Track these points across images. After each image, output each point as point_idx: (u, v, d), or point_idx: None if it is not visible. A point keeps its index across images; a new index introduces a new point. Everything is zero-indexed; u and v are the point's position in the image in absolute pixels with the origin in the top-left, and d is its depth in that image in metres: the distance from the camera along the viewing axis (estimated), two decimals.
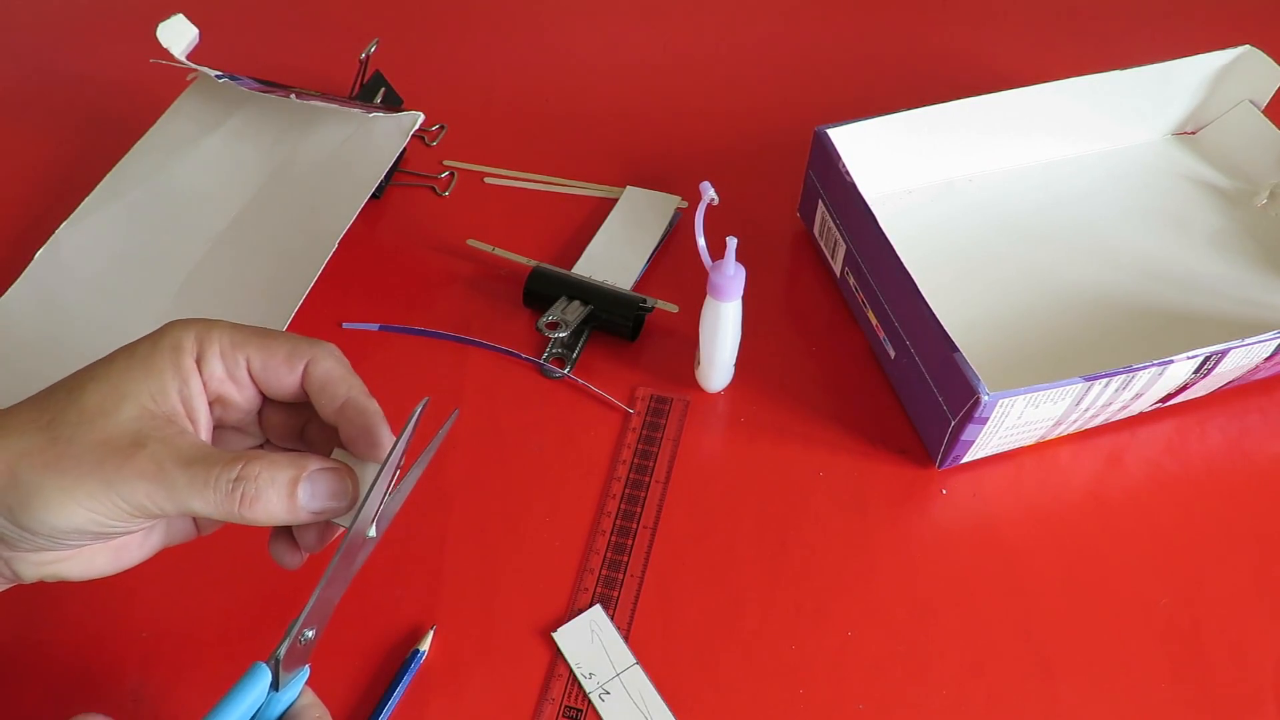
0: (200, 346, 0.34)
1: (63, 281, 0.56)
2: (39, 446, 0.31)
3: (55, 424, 0.32)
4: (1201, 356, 0.45)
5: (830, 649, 0.43)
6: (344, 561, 0.34)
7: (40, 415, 0.32)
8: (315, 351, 0.35)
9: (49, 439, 0.31)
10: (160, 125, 0.62)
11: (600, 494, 0.49)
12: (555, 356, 0.54)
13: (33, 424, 0.32)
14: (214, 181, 0.60)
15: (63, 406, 0.32)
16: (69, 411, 0.32)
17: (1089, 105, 0.62)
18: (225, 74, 0.59)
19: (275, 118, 0.62)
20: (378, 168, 0.57)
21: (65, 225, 0.57)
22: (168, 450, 0.32)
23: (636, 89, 0.73)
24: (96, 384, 0.32)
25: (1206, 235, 0.60)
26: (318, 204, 0.57)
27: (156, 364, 0.33)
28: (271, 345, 0.35)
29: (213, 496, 0.31)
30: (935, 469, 0.50)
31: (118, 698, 0.41)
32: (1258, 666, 0.43)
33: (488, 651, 0.43)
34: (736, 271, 0.46)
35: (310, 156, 0.60)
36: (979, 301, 0.56)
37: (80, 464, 0.31)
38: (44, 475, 0.31)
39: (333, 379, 0.35)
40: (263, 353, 0.35)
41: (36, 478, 0.31)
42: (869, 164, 0.56)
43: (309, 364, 0.35)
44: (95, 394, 0.32)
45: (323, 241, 0.54)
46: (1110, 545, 0.47)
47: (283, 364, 0.35)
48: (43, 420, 0.32)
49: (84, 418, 0.32)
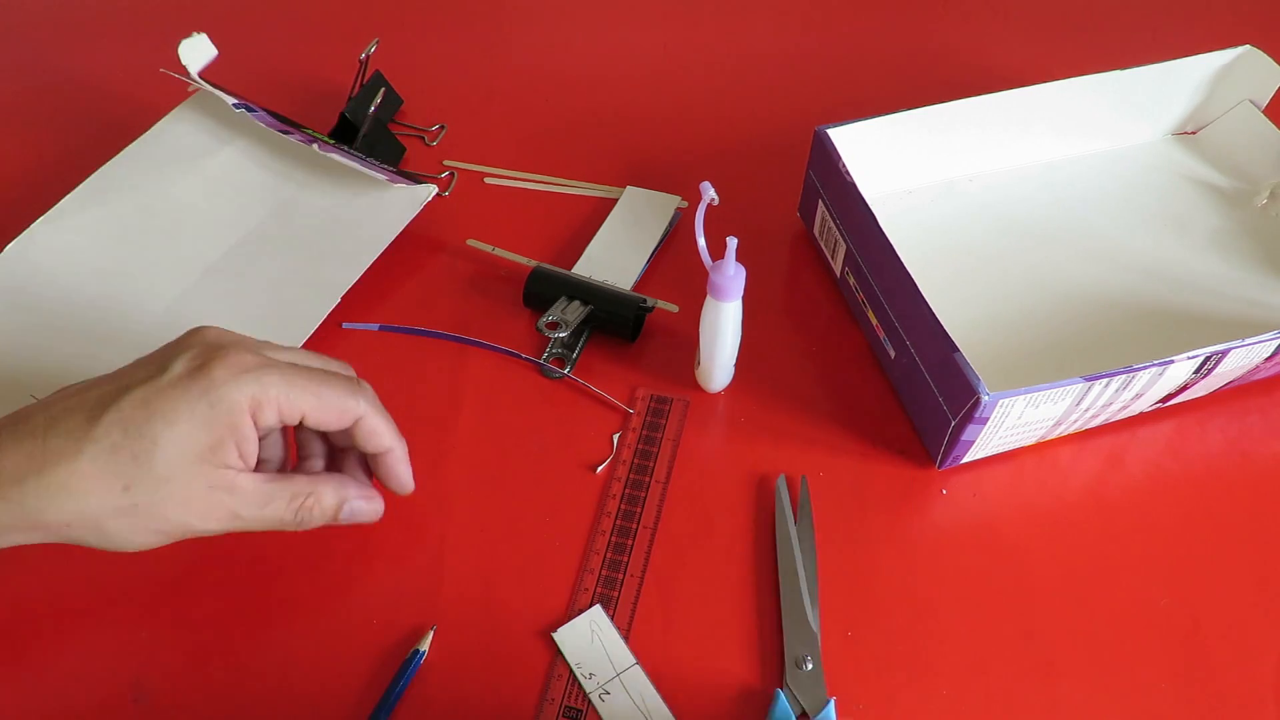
0: (255, 406, 0.38)
1: (36, 279, 0.54)
2: (123, 510, 0.37)
3: (133, 489, 0.36)
4: (1201, 356, 0.45)
5: (830, 649, 0.43)
6: None
7: (114, 480, 0.36)
8: (364, 408, 0.41)
9: (130, 504, 0.36)
10: (155, 133, 0.61)
11: (600, 494, 0.49)
12: (555, 356, 0.54)
13: (108, 488, 0.36)
14: (212, 205, 0.59)
15: (135, 472, 0.36)
16: (144, 479, 0.36)
17: (1089, 105, 0.62)
18: (242, 102, 0.59)
19: (283, 151, 0.61)
20: (387, 231, 0.57)
21: (41, 221, 0.56)
22: (237, 499, 0.38)
23: (637, 89, 0.73)
24: (162, 450, 0.36)
25: (1206, 235, 0.60)
26: (321, 253, 0.56)
27: (216, 428, 0.37)
28: (325, 400, 0.40)
29: (276, 524, 0.40)
30: (935, 469, 0.50)
31: (118, 698, 0.41)
32: (1258, 666, 0.43)
33: (488, 651, 0.43)
34: (736, 271, 0.46)
35: (319, 202, 0.59)
36: (979, 301, 0.56)
37: (167, 521, 0.38)
38: (132, 530, 0.37)
39: (377, 433, 0.42)
40: (318, 409, 0.40)
41: (125, 532, 0.37)
42: (869, 164, 0.56)
43: (359, 421, 0.41)
44: (163, 460, 0.36)
45: (324, 294, 0.54)
46: (1110, 545, 0.47)
47: (335, 419, 0.40)
48: (117, 485, 0.36)
49: (159, 484, 0.37)
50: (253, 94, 0.61)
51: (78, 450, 0.36)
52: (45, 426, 0.36)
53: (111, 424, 0.36)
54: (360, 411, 0.41)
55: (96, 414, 0.36)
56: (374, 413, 0.42)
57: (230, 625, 0.44)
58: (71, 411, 0.37)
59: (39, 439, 0.36)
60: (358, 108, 0.64)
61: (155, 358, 0.39)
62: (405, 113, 0.70)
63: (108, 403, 0.37)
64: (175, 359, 0.38)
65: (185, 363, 0.38)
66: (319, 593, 0.45)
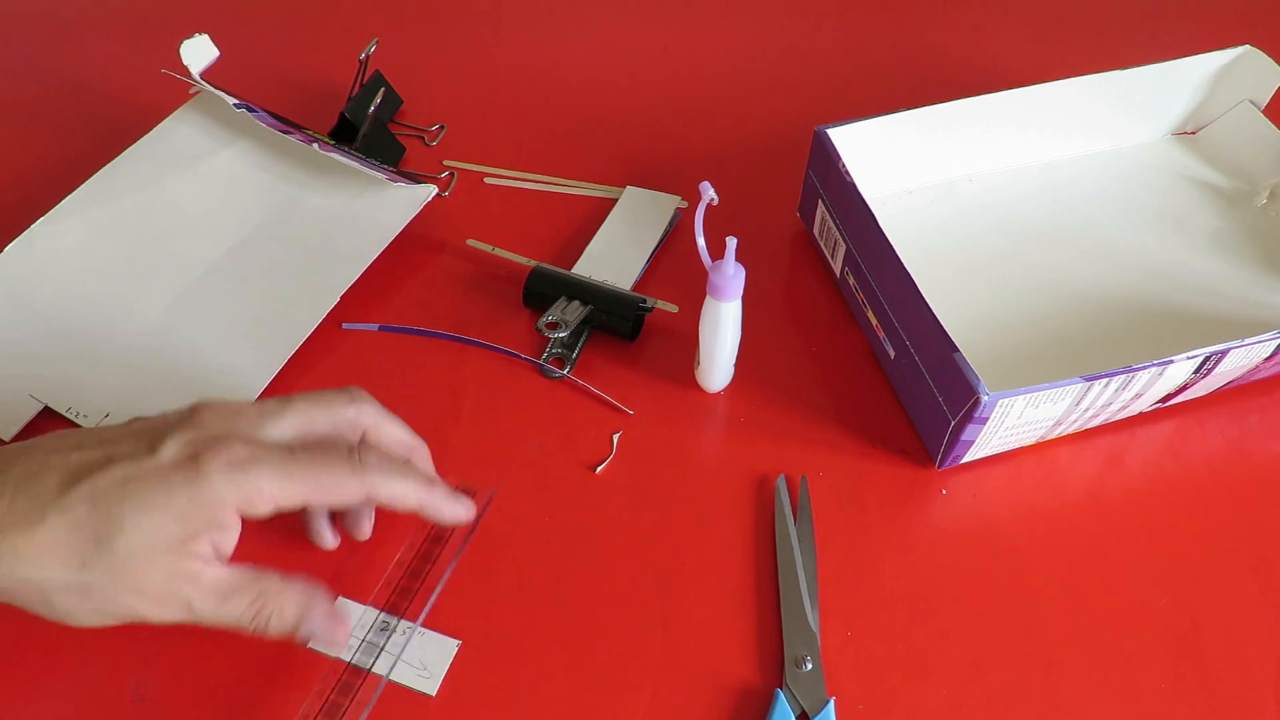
0: (246, 502, 0.36)
1: (35, 280, 0.54)
2: (74, 586, 0.35)
3: (88, 568, 0.35)
4: (1201, 356, 0.45)
5: (830, 649, 0.43)
6: None
7: (70, 555, 0.35)
8: (371, 482, 0.39)
9: (82, 583, 0.35)
10: (157, 134, 0.61)
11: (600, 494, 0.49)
12: (555, 356, 0.54)
13: (63, 562, 0.34)
14: (212, 205, 0.59)
15: (93, 553, 0.34)
16: (101, 561, 0.34)
17: (1089, 105, 0.62)
18: (242, 103, 0.59)
19: (283, 152, 0.61)
20: (387, 232, 0.57)
21: (41, 222, 0.55)
22: (195, 591, 0.36)
23: (637, 89, 0.73)
24: (127, 536, 0.34)
25: (1206, 235, 0.60)
26: (320, 254, 0.56)
27: (191, 523, 0.36)
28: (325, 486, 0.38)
29: (231, 623, 0.38)
30: (935, 469, 0.50)
31: (118, 697, 0.41)
32: (1258, 666, 0.43)
33: (492, 661, 0.43)
34: (736, 271, 0.46)
35: (318, 202, 0.59)
36: (979, 301, 0.56)
37: (117, 605, 0.36)
38: (79, 608, 0.36)
39: (396, 498, 0.40)
40: (318, 496, 0.38)
41: (72, 609, 0.36)
42: (869, 164, 0.56)
43: (369, 496, 0.39)
44: (125, 546, 0.35)
45: (322, 295, 0.54)
46: (1110, 545, 0.47)
47: (340, 502, 0.40)
48: (74, 561, 0.34)
49: (116, 569, 0.35)
50: (253, 94, 0.61)
51: (40, 517, 0.34)
52: (17, 482, 0.35)
53: (82, 497, 0.35)
54: (366, 489, 0.39)
55: (70, 482, 0.35)
56: (385, 482, 0.39)
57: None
58: (47, 472, 0.35)
59: (6, 497, 0.34)
60: (358, 108, 0.64)
61: (150, 431, 0.37)
62: (405, 113, 0.70)
63: (86, 472, 0.35)
64: (168, 439, 0.37)
65: (177, 448, 0.36)
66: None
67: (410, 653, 0.43)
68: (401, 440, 0.44)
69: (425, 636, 0.43)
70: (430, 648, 0.43)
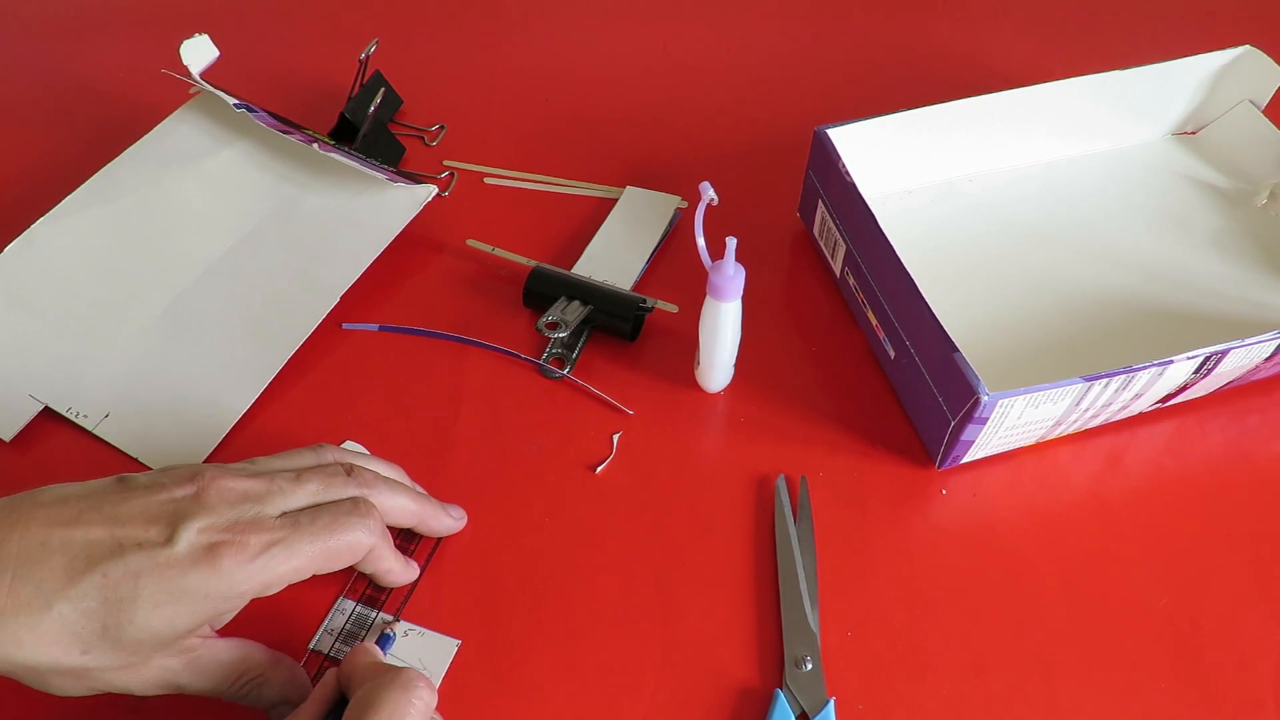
0: (263, 590, 0.37)
1: (35, 279, 0.54)
2: (72, 671, 0.35)
3: (90, 654, 0.34)
4: (1201, 356, 0.45)
5: (830, 649, 0.43)
6: None
7: (74, 644, 0.34)
8: (374, 540, 0.40)
9: (82, 668, 0.35)
10: (157, 134, 0.61)
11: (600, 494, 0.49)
12: (555, 357, 0.54)
13: (65, 651, 0.34)
14: (212, 205, 0.59)
15: (98, 642, 0.34)
16: (105, 649, 0.34)
17: (1089, 105, 0.62)
18: (242, 103, 0.59)
19: (283, 152, 0.61)
20: (387, 232, 0.57)
21: (42, 221, 0.56)
22: (185, 671, 0.37)
23: (637, 89, 0.73)
24: (137, 629, 0.34)
25: (1206, 235, 0.60)
26: (320, 254, 0.56)
27: (202, 614, 0.36)
28: (336, 552, 0.39)
29: (210, 693, 0.38)
30: (935, 469, 0.50)
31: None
32: (1258, 666, 0.43)
33: (492, 661, 0.43)
34: (736, 271, 0.46)
35: (318, 202, 0.59)
36: (979, 302, 0.56)
37: (109, 684, 0.36)
38: (73, 685, 0.35)
39: (405, 517, 0.43)
40: (329, 565, 0.39)
41: (65, 686, 0.35)
42: (869, 164, 0.56)
43: (369, 555, 0.41)
44: (132, 638, 0.35)
45: (322, 295, 0.54)
46: (1110, 545, 0.47)
47: (347, 563, 0.40)
48: (76, 649, 0.34)
49: (117, 656, 0.35)
50: (253, 94, 0.61)
51: (46, 606, 0.33)
52: (17, 564, 0.33)
53: (92, 587, 0.33)
54: (375, 538, 0.40)
55: (78, 569, 0.34)
56: (388, 497, 0.42)
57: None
58: (49, 553, 0.34)
59: (5, 579, 0.33)
60: (358, 108, 0.64)
61: (158, 514, 0.36)
62: (405, 113, 0.70)
63: (95, 560, 0.34)
64: (182, 529, 0.35)
65: (192, 538, 0.35)
66: (320, 592, 0.45)
67: (410, 653, 0.43)
68: (382, 470, 0.45)
69: (425, 636, 0.43)
70: (430, 648, 0.43)
